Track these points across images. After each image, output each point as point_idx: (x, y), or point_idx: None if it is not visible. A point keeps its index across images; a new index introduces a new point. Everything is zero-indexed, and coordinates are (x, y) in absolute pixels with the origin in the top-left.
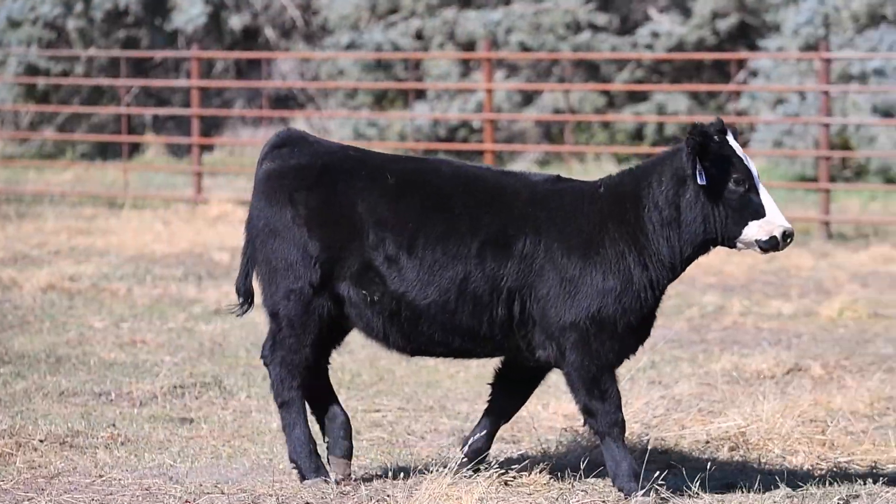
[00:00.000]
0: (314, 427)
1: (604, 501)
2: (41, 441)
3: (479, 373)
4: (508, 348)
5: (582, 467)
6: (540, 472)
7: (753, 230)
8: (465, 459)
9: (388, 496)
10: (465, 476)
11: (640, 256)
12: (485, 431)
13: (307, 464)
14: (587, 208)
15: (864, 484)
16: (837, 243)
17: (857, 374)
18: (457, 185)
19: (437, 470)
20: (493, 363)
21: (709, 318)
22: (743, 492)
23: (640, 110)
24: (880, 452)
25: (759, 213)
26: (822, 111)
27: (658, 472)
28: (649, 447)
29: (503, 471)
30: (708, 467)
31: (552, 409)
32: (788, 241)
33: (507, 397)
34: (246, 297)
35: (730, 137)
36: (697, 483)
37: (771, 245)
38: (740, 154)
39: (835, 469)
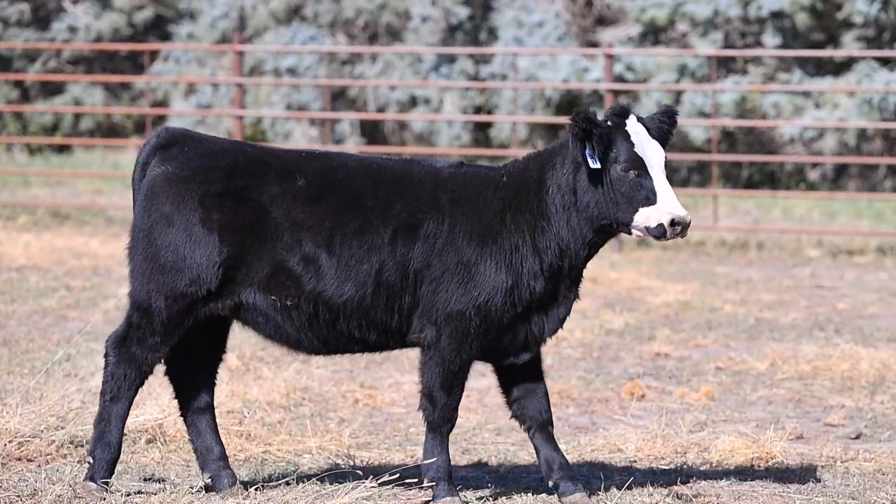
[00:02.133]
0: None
1: None
2: None
3: None
4: (409, 342)
5: None
6: None
7: (643, 217)
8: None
9: None
10: None
11: (536, 244)
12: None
13: (103, 468)
14: (490, 196)
15: (291, 472)
16: None
17: (274, 365)
18: (366, 179)
19: None
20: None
21: (125, 311)
22: (162, 484)
23: (56, 102)
24: (297, 442)
25: (650, 199)
26: (235, 103)
27: (77, 464)
28: (65, 440)
29: None
30: (127, 460)
31: None
32: (678, 228)
33: (528, 401)
34: None
35: (631, 122)
36: (114, 476)
37: (659, 232)
38: (634, 140)
39: (253, 459)
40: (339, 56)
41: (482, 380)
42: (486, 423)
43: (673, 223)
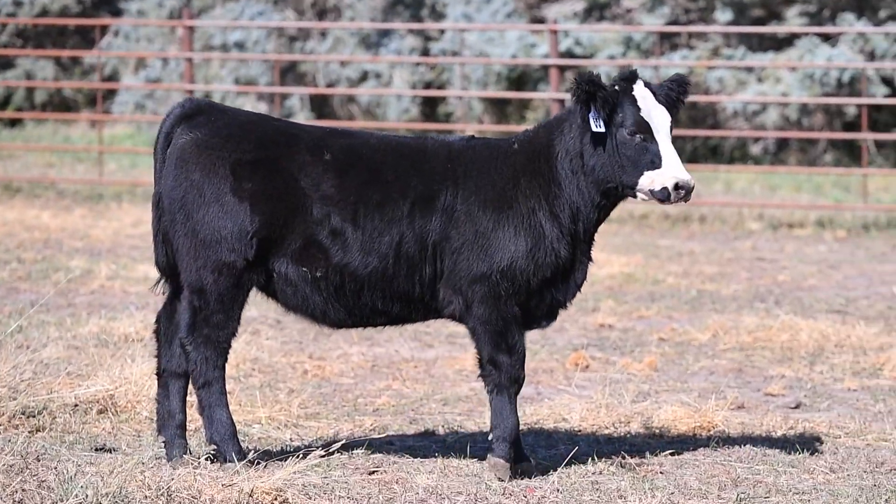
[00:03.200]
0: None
1: None
2: None
3: None
4: (437, 310)
5: None
6: None
7: (647, 180)
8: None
9: None
10: None
11: (552, 208)
12: None
13: (230, 447)
14: (501, 164)
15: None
16: None
17: None
18: (386, 154)
19: None
20: None
21: (76, 283)
22: (113, 454)
23: (7, 76)
24: (246, 413)
25: (655, 163)
26: (185, 78)
27: (27, 435)
28: (17, 410)
29: None
30: (79, 430)
31: None
32: (681, 192)
33: None
34: (169, 272)
35: (638, 86)
36: (65, 446)
37: (663, 196)
38: (641, 104)
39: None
40: (288, 31)
41: (429, 351)
42: (433, 393)
43: (677, 187)
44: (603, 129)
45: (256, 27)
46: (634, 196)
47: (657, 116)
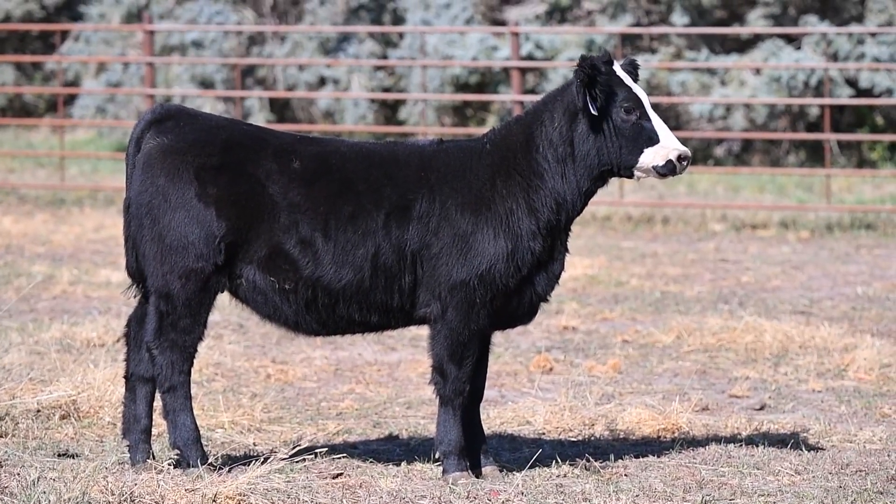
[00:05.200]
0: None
1: None
2: None
3: None
4: (418, 317)
5: None
6: None
7: (649, 157)
8: (471, 462)
9: None
10: None
11: (532, 204)
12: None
13: (193, 452)
14: (475, 165)
15: None
16: None
17: None
18: (357, 163)
19: None
20: None
21: (38, 288)
22: (76, 460)
23: None
24: (209, 417)
25: (652, 139)
26: (146, 82)
27: None
28: None
29: None
30: (41, 436)
31: None
32: (685, 163)
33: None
34: (140, 277)
35: (617, 68)
36: (28, 452)
37: (669, 169)
38: (629, 83)
39: (166, 434)
40: (248, 33)
41: (392, 354)
42: (396, 396)
43: (680, 158)
44: (597, 113)
45: (215, 29)
46: (631, 176)
47: (641, 93)
